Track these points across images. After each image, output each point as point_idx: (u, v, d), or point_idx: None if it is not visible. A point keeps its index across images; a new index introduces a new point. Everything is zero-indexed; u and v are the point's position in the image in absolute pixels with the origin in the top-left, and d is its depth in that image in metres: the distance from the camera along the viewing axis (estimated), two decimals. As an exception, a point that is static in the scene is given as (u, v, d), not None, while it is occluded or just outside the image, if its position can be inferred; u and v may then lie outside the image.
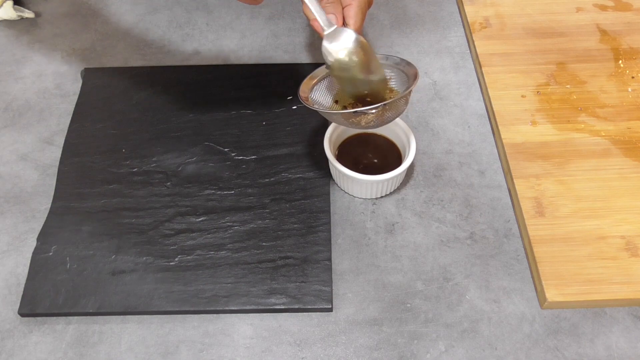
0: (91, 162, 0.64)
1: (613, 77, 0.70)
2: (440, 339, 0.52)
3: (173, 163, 0.63)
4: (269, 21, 0.80)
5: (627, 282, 0.54)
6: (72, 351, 0.52)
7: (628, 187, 0.60)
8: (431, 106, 0.69)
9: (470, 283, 0.55)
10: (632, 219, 0.58)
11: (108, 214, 0.60)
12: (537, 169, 0.61)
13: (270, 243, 0.57)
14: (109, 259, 0.56)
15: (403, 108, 0.55)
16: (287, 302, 0.54)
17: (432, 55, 0.75)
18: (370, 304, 0.54)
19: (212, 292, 0.54)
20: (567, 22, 0.76)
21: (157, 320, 0.54)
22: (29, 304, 0.54)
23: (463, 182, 0.63)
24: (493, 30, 0.75)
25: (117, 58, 0.75)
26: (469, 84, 0.72)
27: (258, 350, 0.52)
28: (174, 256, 0.56)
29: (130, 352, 0.52)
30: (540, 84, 0.69)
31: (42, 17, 0.81)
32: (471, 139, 0.66)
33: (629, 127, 0.65)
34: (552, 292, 0.53)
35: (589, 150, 0.63)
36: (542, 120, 0.66)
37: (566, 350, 0.51)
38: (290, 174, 0.62)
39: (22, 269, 0.57)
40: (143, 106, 0.69)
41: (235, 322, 0.54)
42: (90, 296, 0.54)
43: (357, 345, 0.52)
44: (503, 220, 0.60)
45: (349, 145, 0.63)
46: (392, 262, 0.57)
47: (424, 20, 0.80)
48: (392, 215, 0.60)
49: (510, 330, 0.53)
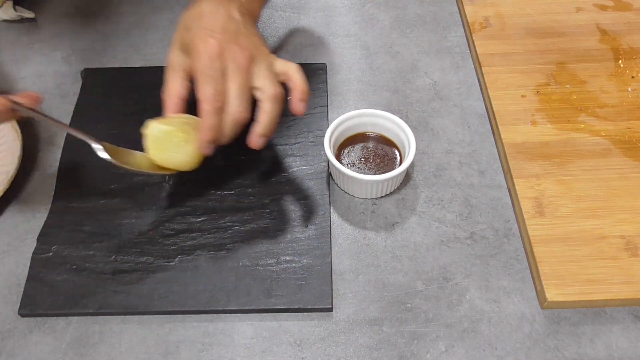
0: (91, 162, 0.64)
1: (613, 77, 0.70)
2: (440, 339, 0.52)
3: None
4: (269, 21, 0.80)
5: (627, 282, 0.54)
6: (72, 351, 0.52)
7: (628, 187, 0.60)
8: (431, 106, 0.69)
9: (470, 283, 0.55)
10: (632, 219, 0.58)
11: (108, 214, 0.60)
12: (537, 169, 0.61)
13: (270, 243, 0.57)
14: (109, 259, 0.56)
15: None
16: (287, 302, 0.53)
17: (432, 55, 0.75)
18: (370, 304, 0.54)
19: (212, 292, 0.54)
20: (567, 22, 0.76)
21: (157, 320, 0.54)
22: (29, 304, 0.54)
23: (463, 182, 0.63)
24: (493, 30, 0.75)
25: (117, 58, 0.75)
26: (469, 84, 0.72)
27: (258, 350, 0.52)
28: (174, 256, 0.56)
29: (130, 352, 0.52)
30: (540, 84, 0.69)
31: (42, 17, 0.81)
32: (471, 139, 0.66)
33: (629, 127, 0.65)
34: (552, 292, 0.53)
35: (589, 150, 0.63)
36: (542, 120, 0.66)
37: (566, 350, 0.51)
38: (290, 174, 0.62)
39: (22, 269, 0.57)
40: (143, 106, 0.69)
41: (235, 322, 0.54)
42: (90, 296, 0.54)
43: (357, 345, 0.52)
44: (503, 220, 0.60)
45: (349, 145, 0.63)
46: (392, 262, 0.57)
47: (424, 20, 0.80)
48: (392, 215, 0.60)
49: (510, 330, 0.53)
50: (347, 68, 0.74)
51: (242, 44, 0.53)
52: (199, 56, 0.53)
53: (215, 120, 0.52)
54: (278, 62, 0.56)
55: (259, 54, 0.54)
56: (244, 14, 0.57)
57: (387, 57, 0.75)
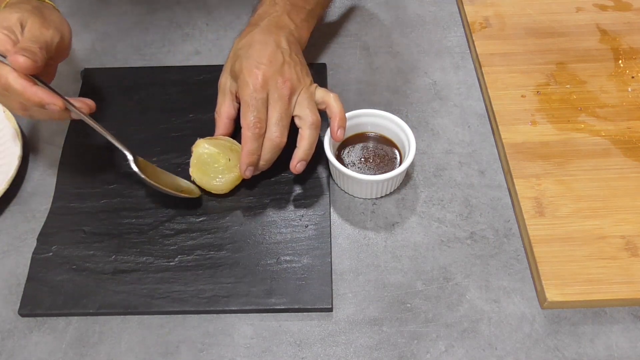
0: (91, 162, 0.64)
1: (613, 77, 0.70)
2: (440, 339, 0.52)
3: (173, 163, 0.63)
4: (269, 21, 0.80)
5: (627, 282, 0.54)
6: (72, 351, 0.52)
7: (628, 187, 0.60)
8: (431, 106, 0.69)
9: (470, 283, 0.55)
10: (632, 219, 0.58)
11: (108, 214, 0.60)
12: (537, 169, 0.61)
13: (270, 243, 0.57)
14: (109, 259, 0.56)
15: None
16: (287, 302, 0.54)
17: (432, 55, 0.75)
18: (370, 304, 0.54)
19: (212, 292, 0.54)
20: (567, 22, 0.76)
21: (157, 320, 0.54)
22: (29, 304, 0.54)
23: (463, 182, 0.63)
24: (493, 30, 0.75)
25: (117, 58, 0.75)
26: (469, 84, 0.72)
27: (258, 350, 0.52)
28: (174, 256, 0.56)
29: (130, 352, 0.52)
30: (540, 84, 0.69)
31: (42, 17, 0.80)
32: (471, 139, 0.66)
33: (629, 127, 0.65)
34: (552, 292, 0.53)
35: (589, 150, 0.63)
36: (542, 120, 0.66)
37: (566, 350, 0.51)
38: (290, 174, 0.62)
39: (22, 269, 0.57)
40: (143, 106, 0.69)
41: (235, 322, 0.54)
42: (90, 296, 0.54)
43: (357, 345, 0.52)
44: (503, 220, 0.60)
45: (349, 145, 0.63)
46: (392, 262, 0.57)
47: (424, 20, 0.80)
48: (392, 215, 0.60)
49: (510, 330, 0.53)
50: (347, 68, 0.74)
51: (285, 75, 0.57)
52: (245, 86, 0.57)
53: (255, 145, 0.57)
54: (318, 91, 0.60)
55: (300, 85, 0.58)
56: (291, 43, 0.60)
57: (387, 57, 0.75)
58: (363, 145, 0.63)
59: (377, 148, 0.63)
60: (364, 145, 0.63)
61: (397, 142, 0.63)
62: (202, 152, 0.59)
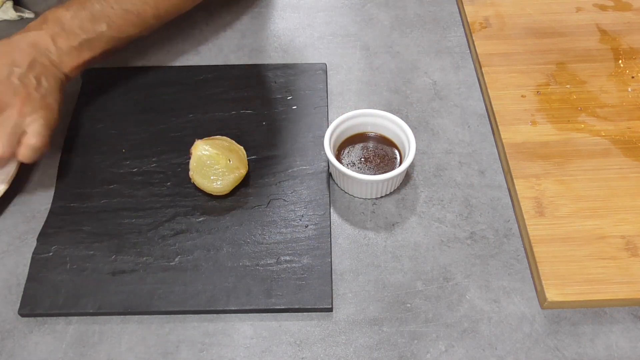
0: (91, 162, 0.64)
1: (613, 77, 0.70)
2: (440, 339, 0.52)
3: (173, 163, 0.63)
4: (269, 21, 0.80)
5: (627, 282, 0.54)
6: (72, 351, 0.52)
7: (628, 187, 0.60)
8: (431, 106, 0.69)
9: (470, 283, 0.55)
10: (632, 219, 0.58)
11: (108, 214, 0.60)
12: (537, 169, 0.61)
13: (270, 243, 0.57)
14: (109, 259, 0.56)
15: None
16: (287, 302, 0.53)
17: (432, 55, 0.75)
18: (370, 304, 0.54)
19: (212, 292, 0.54)
20: (567, 22, 0.76)
21: (157, 320, 0.54)
22: (29, 304, 0.54)
23: (463, 182, 0.63)
24: (493, 30, 0.75)
25: (117, 58, 0.75)
26: (469, 84, 0.72)
27: (258, 350, 0.52)
28: (174, 256, 0.56)
29: (130, 352, 0.52)
30: (540, 84, 0.69)
31: (42, 17, 0.80)
32: (471, 139, 0.66)
33: (629, 127, 0.65)
34: (552, 292, 0.53)
35: (589, 150, 0.63)
36: (542, 120, 0.66)
37: (566, 350, 0.51)
38: (290, 174, 0.62)
39: (22, 269, 0.57)
40: (143, 106, 0.69)
41: (235, 322, 0.54)
42: (90, 296, 0.54)
43: (357, 345, 0.52)
44: (503, 220, 0.60)
45: (349, 145, 0.63)
46: (392, 262, 0.57)
47: (424, 20, 0.80)
48: (392, 215, 0.60)
49: (510, 330, 0.53)
50: (347, 68, 0.74)
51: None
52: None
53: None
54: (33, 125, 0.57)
55: (6, 107, 0.56)
56: (37, 65, 0.58)
57: (387, 57, 0.75)
58: (363, 145, 0.63)
59: (377, 148, 0.63)
60: (364, 145, 0.63)
61: (397, 142, 0.63)
62: (202, 154, 0.59)
